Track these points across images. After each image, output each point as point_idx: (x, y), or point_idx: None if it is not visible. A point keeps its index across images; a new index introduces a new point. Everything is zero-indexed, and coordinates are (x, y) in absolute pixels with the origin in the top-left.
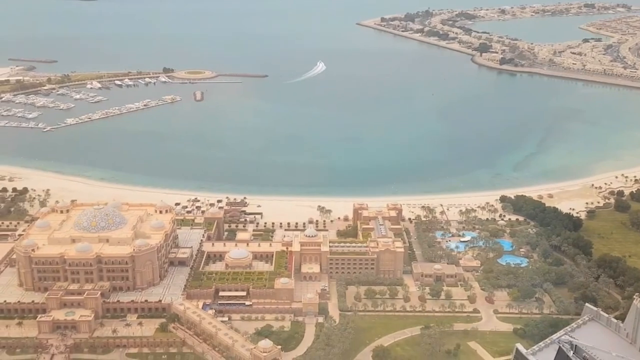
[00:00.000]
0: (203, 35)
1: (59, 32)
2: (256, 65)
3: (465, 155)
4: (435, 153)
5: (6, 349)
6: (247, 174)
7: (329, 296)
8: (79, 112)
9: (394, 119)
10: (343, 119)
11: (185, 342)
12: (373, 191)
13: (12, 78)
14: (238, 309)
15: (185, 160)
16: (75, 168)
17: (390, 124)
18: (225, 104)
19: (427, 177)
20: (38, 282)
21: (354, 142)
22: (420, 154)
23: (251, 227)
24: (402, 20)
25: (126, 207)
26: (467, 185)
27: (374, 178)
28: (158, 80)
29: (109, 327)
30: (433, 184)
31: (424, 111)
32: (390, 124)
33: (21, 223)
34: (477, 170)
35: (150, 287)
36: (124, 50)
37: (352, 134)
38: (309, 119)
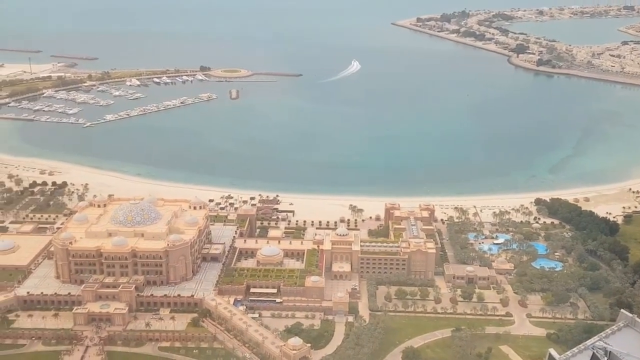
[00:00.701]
0: (240, 34)
1: (100, 29)
2: (291, 64)
3: (500, 157)
4: (470, 154)
5: (42, 340)
6: (280, 171)
7: (359, 295)
8: (118, 108)
9: (428, 119)
10: (377, 118)
11: (216, 338)
12: (405, 191)
13: (54, 74)
14: (268, 306)
15: (219, 157)
16: (113, 163)
17: (425, 124)
18: (260, 102)
19: (460, 178)
20: (75, 274)
21: (387, 142)
22: (454, 154)
23: (283, 225)
24: (438, 21)
25: (161, 202)
26: (501, 186)
27: (407, 178)
28: (195, 78)
29: (143, 320)
30: (466, 185)
31: (459, 111)
32: (424, 124)
33: (60, 216)
34: (512, 171)
35: (183, 282)
36: (162, 49)
37: (385, 133)
38: (343, 117)
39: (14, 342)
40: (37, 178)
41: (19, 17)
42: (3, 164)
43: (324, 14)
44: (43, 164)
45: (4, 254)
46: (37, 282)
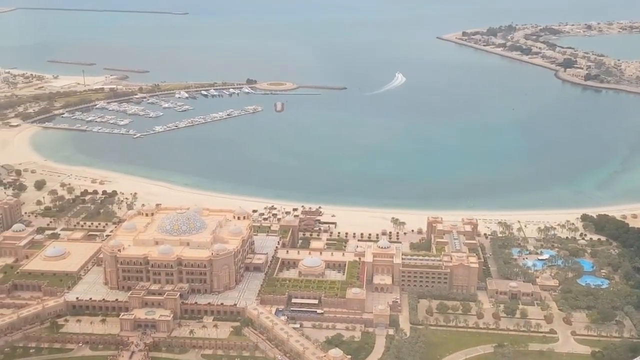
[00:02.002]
0: (286, 48)
1: (151, 43)
2: (336, 77)
3: (546, 172)
4: (514, 168)
5: (89, 345)
6: (323, 183)
7: (400, 309)
8: (167, 120)
9: (472, 133)
10: (421, 131)
11: (258, 347)
12: (448, 205)
13: (107, 86)
14: (310, 317)
15: (264, 168)
16: (161, 173)
17: (469, 137)
18: (305, 114)
19: (504, 193)
20: (122, 281)
21: (430, 155)
22: (498, 168)
23: (325, 236)
24: (484, 35)
25: (206, 212)
26: (546, 202)
27: (450, 191)
28: (241, 91)
29: (187, 327)
30: (511, 199)
31: (504, 125)
32: (468, 137)
33: (109, 224)
34: (558, 187)
35: (226, 291)
36: (211, 62)
37: (429, 146)
38: (387, 130)
39: (62, 346)
40: (89, 187)
41: (74, 31)
42: (56, 173)
43: (369, 28)
44: (94, 173)
45: (55, 260)
46: (86, 288)
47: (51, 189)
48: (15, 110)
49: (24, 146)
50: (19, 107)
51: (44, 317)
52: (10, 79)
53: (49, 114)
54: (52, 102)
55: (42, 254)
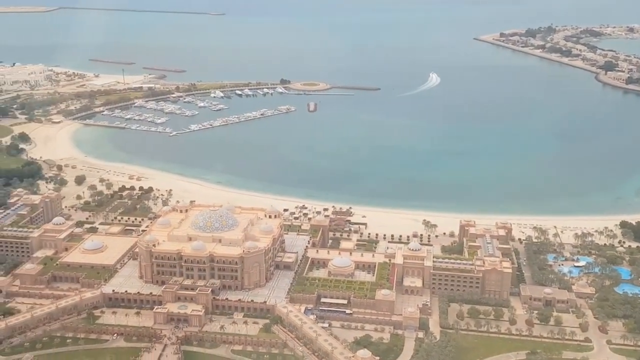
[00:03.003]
0: (320, 48)
1: (189, 44)
2: (369, 78)
3: (584, 177)
4: (551, 172)
5: (124, 336)
6: (354, 184)
7: (431, 312)
8: (202, 119)
9: (508, 135)
10: (455, 133)
11: (287, 344)
12: (482, 208)
13: (145, 85)
14: (338, 317)
15: (295, 168)
16: (195, 171)
17: (505, 140)
18: (337, 115)
19: (541, 197)
20: (156, 275)
21: (464, 157)
22: (534, 172)
23: (355, 237)
24: (522, 36)
25: (239, 210)
26: (584, 208)
27: (484, 194)
28: (275, 90)
29: (217, 323)
30: (547, 204)
31: (541, 129)
32: (504, 140)
33: (145, 220)
34: (596, 193)
35: (257, 288)
36: (246, 62)
37: (463, 149)
38: (420, 132)
39: (98, 337)
40: (126, 183)
41: (115, 31)
42: (96, 169)
43: (404, 29)
44: (132, 170)
45: (93, 253)
46: (121, 281)
47: (90, 184)
48: (57, 107)
49: (65, 142)
50: (61, 104)
51: (81, 308)
52: (53, 76)
53: (89, 112)
54: (93, 100)
55: (81, 247)
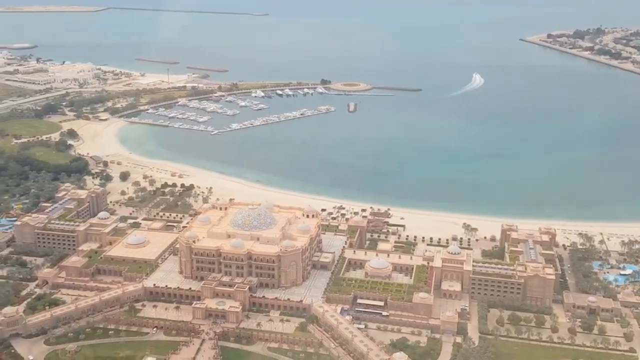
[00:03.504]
0: (361, 49)
1: (232, 44)
2: (411, 78)
3: (632, 182)
4: (598, 177)
5: (164, 330)
6: (393, 185)
7: (469, 317)
8: (243, 118)
9: (553, 138)
10: (498, 135)
11: (322, 344)
12: (524, 212)
13: (189, 84)
14: (375, 318)
15: (334, 168)
16: (235, 169)
17: (549, 143)
18: (377, 116)
19: (586, 203)
20: (196, 271)
21: (507, 160)
22: (580, 176)
23: (393, 239)
24: (570, 37)
25: (277, 209)
26: (632, 214)
27: (527, 199)
28: (315, 91)
29: (254, 320)
30: (593, 210)
31: (589, 132)
32: (549, 143)
33: (186, 216)
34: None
35: (293, 287)
36: (287, 62)
37: (506, 151)
38: (462, 134)
39: (139, 329)
40: (168, 180)
41: (161, 30)
42: (140, 165)
43: (447, 30)
44: (174, 167)
45: (136, 248)
46: (162, 276)
47: (134, 180)
48: (104, 105)
49: (111, 139)
50: (108, 102)
51: (123, 301)
52: (101, 75)
53: (135, 110)
54: (139, 98)
55: (124, 241)
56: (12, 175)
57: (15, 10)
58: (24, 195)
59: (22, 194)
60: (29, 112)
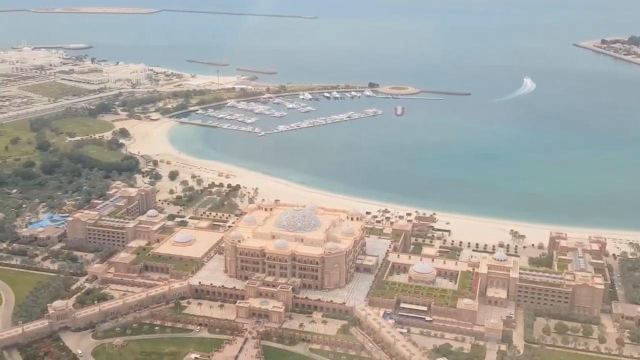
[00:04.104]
0: (409, 52)
1: (281, 46)
2: (460, 82)
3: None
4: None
5: (208, 328)
6: (439, 190)
7: (515, 325)
8: (290, 120)
9: (606, 146)
10: (549, 142)
11: (364, 347)
12: (574, 221)
13: (238, 86)
14: (418, 323)
15: (379, 171)
16: (281, 171)
17: (602, 151)
18: (425, 120)
19: (638, 212)
20: (240, 270)
21: (558, 167)
22: (633, 185)
23: (438, 244)
24: (625, 43)
25: (321, 211)
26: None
27: (577, 206)
28: (363, 94)
29: (297, 320)
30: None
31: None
32: (601, 151)
33: (231, 216)
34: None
35: (336, 289)
36: (335, 65)
37: (555, 158)
38: (511, 139)
39: (184, 326)
40: (215, 179)
41: (212, 32)
42: (188, 165)
43: (498, 33)
44: (221, 167)
45: (183, 246)
46: (207, 274)
47: (183, 179)
48: (155, 105)
49: (161, 139)
50: (159, 102)
51: (169, 297)
52: (153, 76)
53: (185, 110)
54: (189, 99)
55: (172, 239)
56: (65, 172)
57: (73, 11)
58: (76, 192)
59: (74, 190)
60: (83, 111)
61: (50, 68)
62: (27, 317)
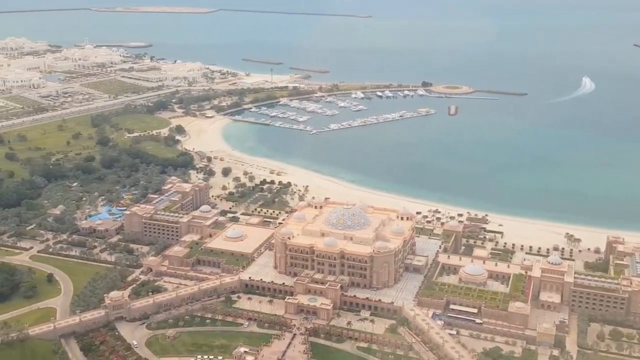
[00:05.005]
0: (464, 51)
1: (334, 45)
2: (516, 82)
3: None
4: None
5: (257, 322)
6: (492, 191)
7: (568, 330)
8: (342, 118)
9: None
10: (605, 145)
11: (412, 347)
12: (632, 225)
13: (291, 85)
14: (467, 325)
15: (431, 171)
16: (331, 169)
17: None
18: (479, 120)
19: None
20: (290, 267)
21: (615, 170)
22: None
23: (490, 245)
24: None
25: (371, 210)
26: None
27: (635, 211)
28: (416, 93)
29: (345, 318)
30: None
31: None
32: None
33: (282, 213)
34: None
35: (384, 289)
36: (388, 64)
37: (614, 161)
38: (569, 141)
39: (234, 320)
40: (267, 177)
41: (267, 32)
42: (240, 162)
43: (556, 34)
44: (273, 165)
45: (234, 241)
46: (257, 270)
47: (235, 176)
48: (211, 102)
49: (216, 136)
50: (215, 100)
51: (220, 291)
52: (209, 74)
53: (238, 108)
54: (243, 97)
55: (223, 234)
56: (123, 167)
57: (133, 10)
58: (133, 187)
59: (132, 185)
60: (142, 108)
61: (111, 66)
62: (85, 306)
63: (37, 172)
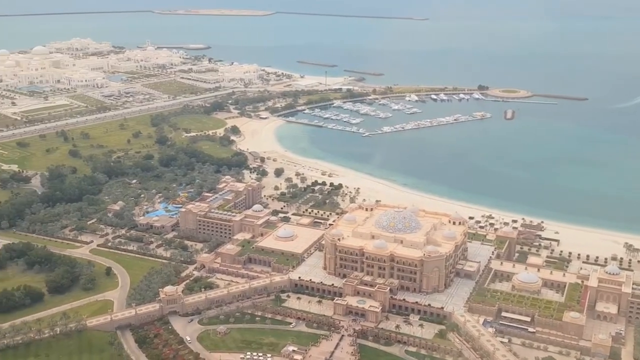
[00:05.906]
0: (523, 54)
1: (389, 47)
2: (576, 87)
3: None
4: None
5: (306, 322)
6: (548, 197)
7: (624, 341)
8: (395, 121)
9: None
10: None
11: (462, 354)
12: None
13: (345, 87)
14: (520, 333)
15: (485, 176)
16: (383, 172)
17: None
18: (536, 124)
19: None
20: (339, 268)
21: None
22: None
23: (545, 253)
24: None
25: (422, 213)
26: None
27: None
28: (471, 96)
29: (393, 322)
30: None
31: None
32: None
33: (332, 214)
34: None
35: (434, 293)
36: (444, 67)
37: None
38: (628, 148)
39: (283, 319)
40: (319, 178)
41: (322, 34)
42: (293, 163)
43: (620, 37)
44: (324, 166)
45: (284, 241)
46: (307, 270)
47: (287, 176)
48: (265, 104)
49: (269, 136)
50: (269, 101)
51: (270, 290)
52: (264, 76)
53: (292, 110)
54: (297, 99)
55: (275, 233)
56: (180, 165)
57: (193, 12)
58: (189, 185)
59: (188, 183)
60: (199, 108)
61: (171, 67)
62: (140, 300)
63: (98, 168)
